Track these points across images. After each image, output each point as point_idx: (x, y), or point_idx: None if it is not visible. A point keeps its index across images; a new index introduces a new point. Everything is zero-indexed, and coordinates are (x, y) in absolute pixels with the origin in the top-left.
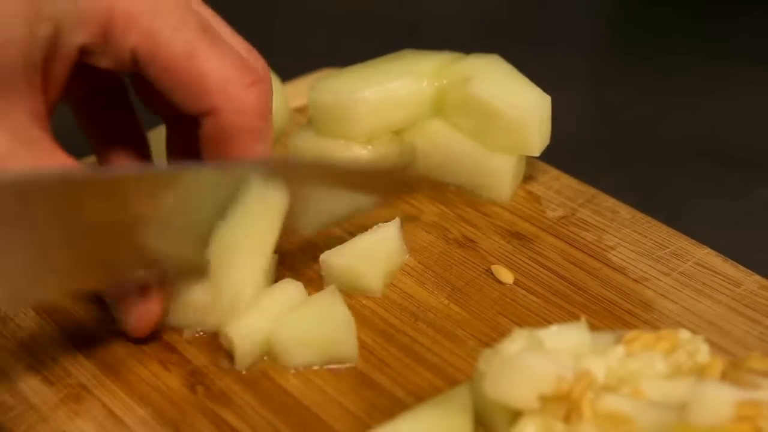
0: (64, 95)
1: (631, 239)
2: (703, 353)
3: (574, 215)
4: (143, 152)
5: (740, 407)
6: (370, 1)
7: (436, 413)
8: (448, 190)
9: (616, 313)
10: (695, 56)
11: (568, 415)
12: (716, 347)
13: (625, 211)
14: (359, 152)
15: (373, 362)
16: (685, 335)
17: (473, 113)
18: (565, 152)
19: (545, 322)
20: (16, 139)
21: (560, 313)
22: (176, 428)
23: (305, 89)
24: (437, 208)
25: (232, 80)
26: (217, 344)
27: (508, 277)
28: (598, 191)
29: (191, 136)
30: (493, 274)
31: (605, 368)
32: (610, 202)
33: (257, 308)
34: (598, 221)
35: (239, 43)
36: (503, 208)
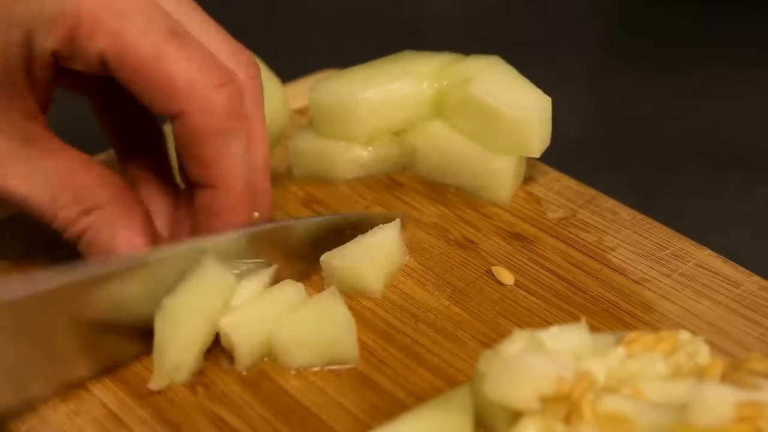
0: (78, 90)
1: (631, 240)
2: (703, 354)
3: (574, 216)
4: (160, 146)
5: (740, 408)
6: (369, 1)
7: (436, 414)
8: (448, 191)
9: (616, 314)
10: (695, 56)
11: (568, 415)
12: (716, 348)
13: (625, 212)
14: (360, 153)
15: (373, 363)
16: (685, 336)
17: (473, 114)
18: (565, 153)
19: (546, 323)
20: (14, 137)
21: (560, 314)
22: (176, 428)
23: (306, 90)
24: (437, 209)
25: (199, 81)
26: (217, 345)
27: (508, 278)
28: (598, 192)
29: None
30: (493, 275)
31: (605, 369)
32: (610, 203)
33: (258, 309)
34: (598, 222)
35: (224, 39)
36: (503, 209)
